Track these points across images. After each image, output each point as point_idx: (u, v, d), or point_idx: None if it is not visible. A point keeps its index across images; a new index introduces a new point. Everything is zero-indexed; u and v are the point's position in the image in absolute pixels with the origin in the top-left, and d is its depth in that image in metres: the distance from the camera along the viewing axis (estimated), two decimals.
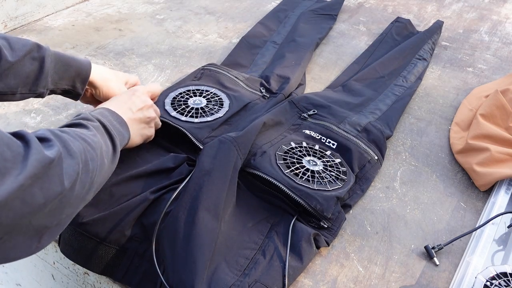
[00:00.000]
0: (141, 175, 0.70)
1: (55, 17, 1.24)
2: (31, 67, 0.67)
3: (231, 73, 0.98)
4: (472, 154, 0.82)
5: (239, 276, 0.59)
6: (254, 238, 0.64)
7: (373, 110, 0.93)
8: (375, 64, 1.07)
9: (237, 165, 0.69)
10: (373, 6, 1.44)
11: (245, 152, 0.72)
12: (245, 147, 0.72)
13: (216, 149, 0.70)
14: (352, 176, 0.75)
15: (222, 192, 0.64)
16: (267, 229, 0.66)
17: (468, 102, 0.98)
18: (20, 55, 0.65)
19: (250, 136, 0.74)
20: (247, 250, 0.62)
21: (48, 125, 0.86)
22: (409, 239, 0.69)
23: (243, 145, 0.71)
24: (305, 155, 0.76)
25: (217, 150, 0.69)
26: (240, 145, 0.71)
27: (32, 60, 0.67)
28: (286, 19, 1.27)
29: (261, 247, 0.63)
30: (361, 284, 0.63)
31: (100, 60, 1.07)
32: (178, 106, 0.85)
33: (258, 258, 0.62)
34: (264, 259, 0.61)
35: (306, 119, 0.86)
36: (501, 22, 1.39)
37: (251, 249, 0.63)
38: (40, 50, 0.68)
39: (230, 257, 0.61)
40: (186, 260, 0.58)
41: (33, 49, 0.67)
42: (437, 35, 1.22)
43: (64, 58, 0.71)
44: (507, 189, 0.76)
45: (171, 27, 1.24)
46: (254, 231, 0.65)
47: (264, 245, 0.64)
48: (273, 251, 0.63)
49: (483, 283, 0.58)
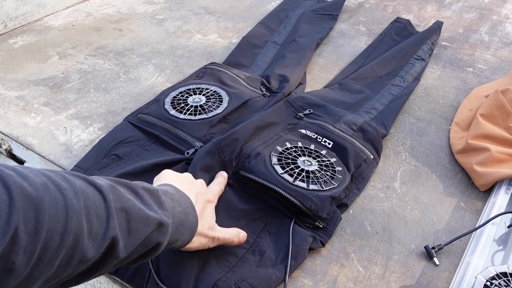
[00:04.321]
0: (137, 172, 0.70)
1: (55, 17, 1.24)
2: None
3: (232, 72, 0.98)
4: (472, 154, 0.82)
5: (226, 273, 0.59)
6: None
7: (369, 109, 0.93)
8: (372, 64, 1.07)
9: (217, 164, 0.72)
10: (373, 6, 1.44)
11: (231, 151, 0.73)
12: (229, 147, 0.74)
13: (204, 149, 0.73)
14: (347, 175, 0.75)
15: None
16: (260, 229, 0.66)
17: (468, 102, 0.98)
18: (135, 245, 0.44)
19: (235, 136, 0.75)
20: (238, 248, 0.63)
21: (48, 125, 0.86)
22: (409, 239, 0.69)
23: (226, 146, 0.73)
24: (300, 155, 0.76)
25: (204, 150, 0.73)
26: (224, 147, 0.73)
27: (144, 247, 0.46)
28: (287, 19, 1.27)
29: (252, 246, 0.63)
30: (361, 284, 0.63)
31: (100, 60, 1.07)
32: (178, 105, 0.86)
33: (248, 257, 0.62)
34: (253, 258, 0.62)
35: (302, 119, 0.86)
36: (501, 22, 1.39)
37: (241, 248, 0.63)
38: (160, 230, 0.47)
39: (220, 254, 0.61)
40: (176, 255, 0.59)
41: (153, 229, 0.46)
42: (437, 36, 1.22)
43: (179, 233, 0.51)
44: (507, 189, 0.76)
45: (171, 27, 1.24)
46: (247, 229, 0.65)
47: (255, 244, 0.64)
48: (263, 251, 0.63)
49: (483, 283, 0.58)
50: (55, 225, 0.36)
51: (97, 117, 0.89)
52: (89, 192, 0.40)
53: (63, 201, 0.37)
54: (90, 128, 0.86)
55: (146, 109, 0.87)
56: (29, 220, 0.34)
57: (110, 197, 0.42)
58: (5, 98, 0.92)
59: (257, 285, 0.58)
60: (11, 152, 0.87)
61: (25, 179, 0.35)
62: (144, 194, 0.47)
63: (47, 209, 0.35)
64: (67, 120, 0.88)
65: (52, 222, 0.35)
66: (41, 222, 0.35)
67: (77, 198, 0.38)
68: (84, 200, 0.39)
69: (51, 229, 0.35)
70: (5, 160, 0.91)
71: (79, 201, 0.38)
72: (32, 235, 0.34)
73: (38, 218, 0.35)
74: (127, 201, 0.43)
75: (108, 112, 0.90)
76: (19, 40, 1.12)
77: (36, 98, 0.93)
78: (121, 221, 0.42)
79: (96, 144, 0.80)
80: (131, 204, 0.44)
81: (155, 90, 0.97)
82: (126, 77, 1.02)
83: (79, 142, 0.82)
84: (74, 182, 0.39)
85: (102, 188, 0.42)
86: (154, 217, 0.45)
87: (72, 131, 0.85)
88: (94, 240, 0.39)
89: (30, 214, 0.34)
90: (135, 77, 1.02)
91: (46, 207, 0.35)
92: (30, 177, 0.36)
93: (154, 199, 0.48)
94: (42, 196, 0.35)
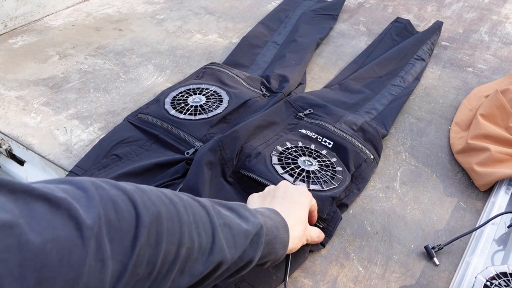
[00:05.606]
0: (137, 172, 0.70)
1: (55, 17, 1.24)
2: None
3: (232, 72, 0.98)
4: (472, 154, 0.82)
5: None
6: None
7: (369, 109, 0.93)
8: (372, 64, 1.07)
9: (218, 161, 0.72)
10: (373, 6, 1.44)
11: (232, 149, 0.73)
12: (230, 145, 0.74)
13: (205, 148, 0.73)
14: (348, 175, 0.75)
15: (201, 188, 0.67)
16: None
17: (468, 102, 0.98)
18: (236, 259, 0.44)
19: (236, 134, 0.75)
20: None
21: (48, 125, 0.86)
22: (409, 239, 0.69)
23: (227, 144, 0.73)
24: (301, 155, 0.76)
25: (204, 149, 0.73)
26: (225, 144, 0.73)
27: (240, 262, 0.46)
28: (287, 19, 1.27)
29: None
30: (361, 284, 0.63)
31: (100, 60, 1.07)
32: (178, 105, 0.86)
33: None
34: None
35: (302, 119, 0.86)
36: (501, 22, 1.39)
37: None
38: (253, 240, 0.46)
39: None
40: None
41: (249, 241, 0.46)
42: (436, 36, 1.22)
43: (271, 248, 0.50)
44: (507, 189, 0.76)
45: (171, 27, 1.24)
46: None
47: None
48: None
49: (483, 283, 0.58)
50: (172, 238, 0.37)
51: (97, 117, 0.89)
52: (195, 207, 0.41)
53: (177, 215, 0.38)
54: (90, 128, 0.86)
55: (146, 109, 0.87)
56: (151, 233, 0.35)
57: (213, 213, 0.42)
58: (5, 98, 0.92)
59: (257, 285, 0.58)
60: (11, 152, 0.87)
61: (144, 193, 0.36)
62: (239, 209, 0.48)
63: (165, 222, 0.36)
64: (67, 120, 0.88)
65: (169, 235, 0.36)
66: (160, 235, 0.36)
67: (187, 212, 0.39)
68: (193, 215, 0.40)
69: (169, 242, 0.36)
70: (5, 160, 0.91)
71: (188, 215, 0.39)
72: (154, 247, 0.35)
73: (158, 231, 0.35)
74: (226, 217, 0.44)
75: (108, 112, 0.90)
76: (19, 40, 1.12)
77: (36, 98, 0.93)
78: (226, 236, 0.42)
79: (96, 144, 0.80)
80: (230, 219, 0.44)
81: (155, 90, 0.97)
82: (126, 77, 1.02)
83: (79, 142, 0.82)
84: (182, 197, 0.40)
85: (205, 204, 0.43)
86: (250, 230, 0.46)
87: (72, 131, 0.85)
88: (203, 254, 0.40)
89: (153, 227, 0.35)
90: (135, 77, 1.02)
91: (164, 220, 0.36)
92: (147, 192, 0.37)
93: (248, 212, 0.48)
94: (160, 210, 0.36)
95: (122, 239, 0.32)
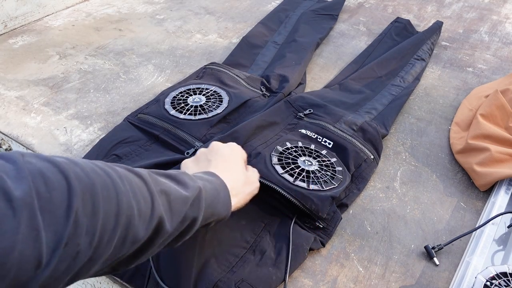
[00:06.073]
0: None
1: (55, 17, 1.24)
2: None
3: (232, 72, 0.98)
4: (472, 154, 0.82)
5: (226, 273, 0.59)
6: (246, 236, 0.64)
7: (369, 109, 0.93)
8: (372, 64, 1.07)
9: None
10: (373, 6, 1.44)
11: None
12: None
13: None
14: (347, 175, 0.75)
15: None
16: (260, 229, 0.66)
17: (468, 102, 0.98)
18: (176, 223, 0.46)
19: (236, 134, 0.75)
20: (238, 248, 0.63)
21: (48, 125, 0.86)
22: (409, 239, 0.69)
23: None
24: (301, 155, 0.76)
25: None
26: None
27: (182, 224, 0.48)
28: (287, 19, 1.27)
29: (252, 246, 0.63)
30: (361, 284, 0.63)
31: (100, 60, 1.07)
32: (178, 105, 0.86)
33: (248, 257, 0.62)
34: (253, 258, 0.62)
35: (302, 119, 0.86)
36: (501, 22, 1.39)
37: (241, 247, 0.63)
38: (194, 205, 0.48)
39: (220, 254, 0.61)
40: (176, 255, 0.59)
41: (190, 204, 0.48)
42: (436, 36, 1.22)
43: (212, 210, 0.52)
44: (507, 189, 0.76)
45: (171, 27, 1.24)
46: (247, 229, 0.65)
47: (256, 244, 0.64)
48: (263, 251, 0.63)
49: (483, 283, 0.58)
50: (109, 207, 0.37)
51: (97, 117, 0.89)
52: (131, 176, 0.42)
53: (112, 184, 0.39)
54: (90, 128, 0.86)
55: (146, 109, 0.87)
56: (87, 203, 0.36)
57: (150, 181, 0.44)
58: (5, 98, 0.92)
59: (257, 285, 0.58)
60: None
61: (76, 165, 0.37)
62: (177, 175, 0.49)
63: (100, 192, 0.37)
64: (67, 120, 0.88)
65: (106, 204, 0.37)
66: (97, 205, 0.36)
67: (123, 181, 0.40)
68: (129, 184, 0.41)
69: (106, 211, 0.37)
70: None
71: (124, 184, 0.40)
72: (91, 217, 0.36)
73: (94, 201, 0.36)
74: (164, 184, 0.46)
75: (108, 112, 0.90)
76: (19, 40, 1.13)
77: (36, 98, 0.93)
78: (163, 202, 0.44)
79: (96, 144, 0.80)
80: (168, 186, 0.46)
81: (155, 90, 0.97)
82: (126, 77, 1.02)
83: (79, 142, 0.82)
84: (116, 169, 0.41)
85: (141, 173, 0.44)
86: (189, 196, 0.47)
87: (72, 131, 0.85)
88: (144, 220, 0.41)
89: (87, 197, 0.36)
90: (135, 77, 1.02)
91: (99, 190, 0.37)
92: (80, 164, 0.38)
93: (187, 177, 0.50)
94: (94, 180, 0.37)
95: (54, 210, 0.33)
